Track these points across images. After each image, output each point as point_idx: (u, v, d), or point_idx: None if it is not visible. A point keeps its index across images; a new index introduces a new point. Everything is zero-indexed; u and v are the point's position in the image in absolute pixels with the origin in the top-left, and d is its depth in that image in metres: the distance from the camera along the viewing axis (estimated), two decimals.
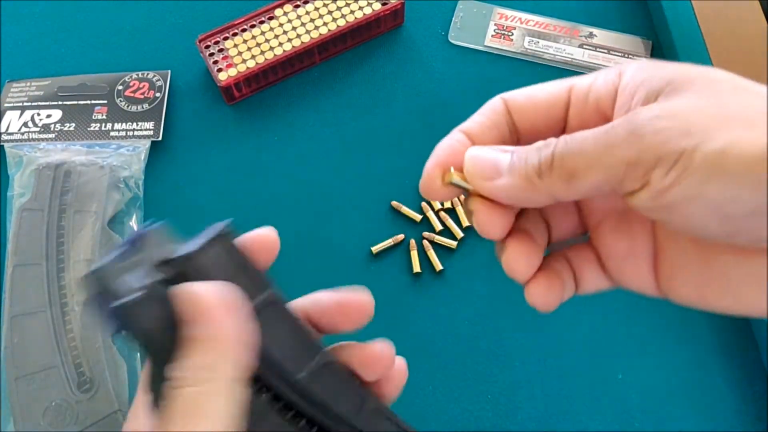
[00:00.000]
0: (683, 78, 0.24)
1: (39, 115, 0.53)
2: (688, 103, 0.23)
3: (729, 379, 0.45)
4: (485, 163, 0.27)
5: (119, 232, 0.49)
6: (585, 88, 0.27)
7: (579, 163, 0.24)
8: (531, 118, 0.29)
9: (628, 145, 0.23)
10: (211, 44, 0.55)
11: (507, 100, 0.29)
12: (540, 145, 0.26)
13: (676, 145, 0.22)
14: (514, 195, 0.26)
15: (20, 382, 0.43)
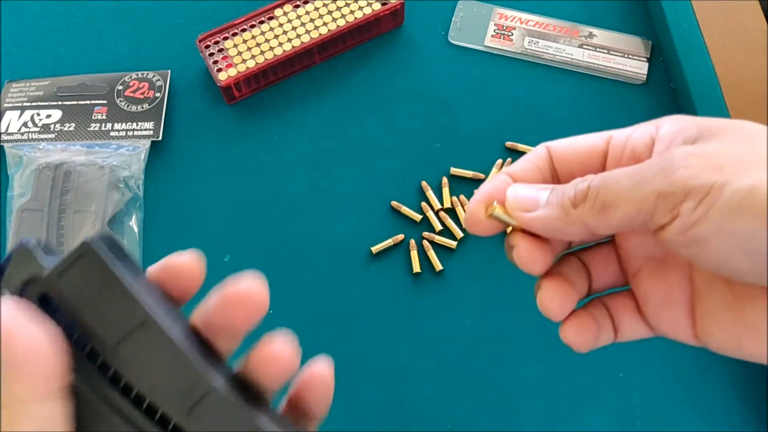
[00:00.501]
0: (719, 126, 0.25)
1: (39, 115, 0.53)
2: (721, 146, 0.24)
3: (729, 379, 0.45)
4: (525, 197, 0.28)
5: (119, 231, 0.49)
6: (623, 139, 0.29)
7: (612, 194, 0.25)
8: (570, 164, 0.30)
9: (660, 178, 0.24)
10: (211, 44, 0.55)
11: (550, 147, 0.31)
12: (577, 181, 0.27)
13: (705, 179, 0.23)
14: (550, 225, 0.27)
15: None
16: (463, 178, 0.51)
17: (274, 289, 0.50)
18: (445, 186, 0.51)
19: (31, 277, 0.22)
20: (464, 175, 0.51)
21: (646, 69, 0.56)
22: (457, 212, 0.50)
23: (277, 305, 0.47)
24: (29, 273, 0.22)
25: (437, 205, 0.50)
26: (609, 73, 0.56)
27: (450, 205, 0.50)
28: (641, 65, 0.56)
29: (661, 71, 0.56)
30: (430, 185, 0.51)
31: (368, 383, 0.45)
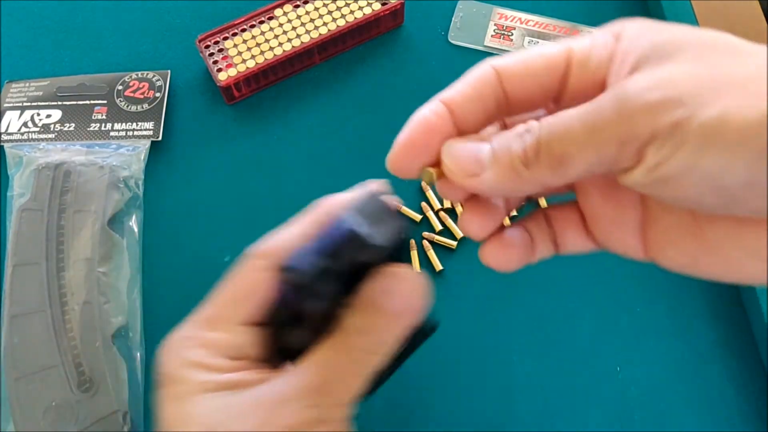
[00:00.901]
0: (676, 43, 0.23)
1: (39, 116, 0.53)
2: (679, 70, 0.22)
3: (729, 377, 0.45)
4: (465, 158, 0.25)
5: (119, 231, 0.49)
6: (585, 53, 0.26)
7: (567, 147, 0.23)
8: (525, 86, 0.26)
9: (618, 122, 0.22)
10: (210, 44, 0.55)
11: (498, 67, 0.26)
12: (521, 131, 0.24)
13: (669, 116, 0.21)
14: (500, 188, 0.25)
15: (20, 383, 0.43)
16: None
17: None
18: None
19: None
20: None
21: None
22: (457, 212, 0.50)
23: None
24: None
25: (437, 205, 0.50)
26: None
27: (450, 205, 0.50)
28: None
29: None
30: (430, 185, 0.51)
31: None
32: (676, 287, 0.47)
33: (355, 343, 0.27)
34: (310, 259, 0.27)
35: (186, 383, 0.28)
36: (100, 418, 0.42)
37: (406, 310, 0.28)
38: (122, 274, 0.47)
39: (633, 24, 0.25)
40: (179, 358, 0.28)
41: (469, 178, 0.25)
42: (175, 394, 0.28)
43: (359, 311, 0.27)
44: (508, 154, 0.24)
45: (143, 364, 0.45)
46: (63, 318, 0.45)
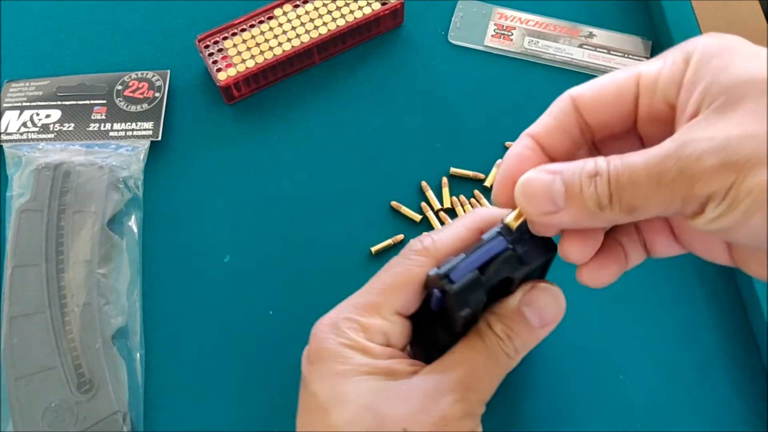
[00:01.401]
0: (740, 89, 0.24)
1: (38, 115, 0.53)
2: (737, 131, 0.24)
3: (730, 379, 0.44)
4: (540, 199, 0.27)
5: (118, 232, 0.49)
6: (653, 79, 0.28)
7: (637, 199, 0.25)
8: (601, 114, 0.29)
9: (680, 183, 0.24)
10: (210, 44, 0.55)
11: (575, 97, 0.29)
12: (591, 170, 0.26)
13: (725, 182, 0.23)
14: (577, 225, 0.28)
15: (19, 383, 0.43)
16: (463, 177, 0.51)
17: (274, 290, 0.51)
18: (445, 186, 0.51)
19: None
20: (464, 174, 0.51)
21: None
22: (457, 212, 0.50)
23: (276, 305, 0.48)
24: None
25: (437, 205, 0.50)
26: None
27: (450, 206, 0.50)
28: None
29: None
30: (430, 185, 0.51)
31: None
32: (679, 295, 0.47)
33: (499, 347, 0.30)
34: (465, 270, 0.30)
35: (345, 362, 0.30)
36: (100, 419, 0.42)
37: (548, 323, 0.31)
38: (122, 275, 0.47)
39: (704, 45, 0.27)
40: (340, 337, 0.31)
41: (546, 217, 0.27)
42: (333, 371, 0.30)
43: (505, 319, 0.31)
44: (581, 197, 0.26)
45: (143, 365, 0.45)
46: (62, 319, 0.45)
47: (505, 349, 0.31)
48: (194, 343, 0.46)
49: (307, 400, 0.31)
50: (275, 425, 0.44)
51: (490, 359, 0.30)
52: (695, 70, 0.26)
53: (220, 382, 0.45)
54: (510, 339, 0.31)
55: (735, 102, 0.24)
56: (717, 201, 0.24)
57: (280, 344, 0.46)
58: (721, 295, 0.47)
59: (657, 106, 0.28)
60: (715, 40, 0.26)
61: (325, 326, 0.32)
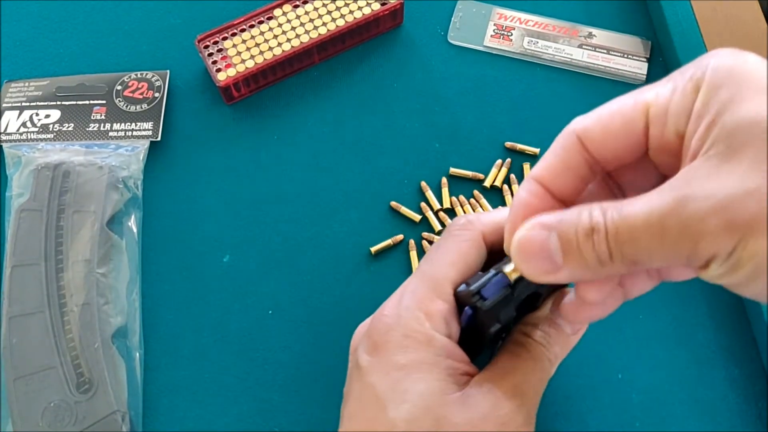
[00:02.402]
0: (740, 137, 0.23)
1: (38, 115, 0.53)
2: (737, 186, 0.23)
3: (729, 378, 0.44)
4: (537, 259, 0.27)
5: (118, 232, 0.49)
6: (662, 109, 0.26)
7: (639, 255, 0.25)
8: (609, 148, 0.28)
9: (683, 242, 0.23)
10: (210, 44, 0.55)
11: (580, 134, 0.28)
12: (586, 228, 0.25)
13: (727, 243, 0.23)
14: (577, 279, 0.27)
15: (19, 383, 0.43)
16: (462, 178, 0.51)
17: (273, 290, 0.50)
18: (445, 186, 0.51)
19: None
20: (464, 175, 0.51)
21: (645, 69, 0.55)
22: (457, 213, 0.50)
23: (275, 306, 0.48)
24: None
25: (436, 205, 0.50)
26: (608, 73, 0.56)
27: (449, 206, 0.50)
28: (641, 65, 0.56)
29: (661, 71, 0.56)
30: (430, 185, 0.51)
31: None
32: (678, 294, 0.47)
33: (542, 353, 0.31)
34: (497, 286, 0.30)
35: (407, 356, 0.30)
36: (99, 419, 0.42)
37: (579, 329, 0.32)
38: (121, 274, 0.47)
39: (713, 69, 0.25)
40: (403, 328, 0.30)
41: (547, 276, 0.27)
42: (394, 364, 0.30)
43: (544, 326, 0.31)
44: (580, 254, 0.26)
45: (142, 364, 0.45)
46: (62, 319, 0.45)
47: (548, 355, 0.31)
48: (193, 343, 0.46)
49: (362, 391, 0.31)
50: (275, 425, 0.44)
51: (537, 366, 0.31)
52: (703, 101, 0.25)
53: (219, 381, 0.45)
54: (551, 345, 0.31)
55: (737, 149, 0.23)
56: (721, 261, 0.23)
57: (280, 344, 0.46)
58: (720, 293, 0.47)
59: (668, 138, 0.26)
60: (727, 60, 0.25)
61: (387, 317, 0.31)
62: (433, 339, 0.30)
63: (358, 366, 0.31)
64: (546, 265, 0.26)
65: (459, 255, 0.32)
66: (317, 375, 0.45)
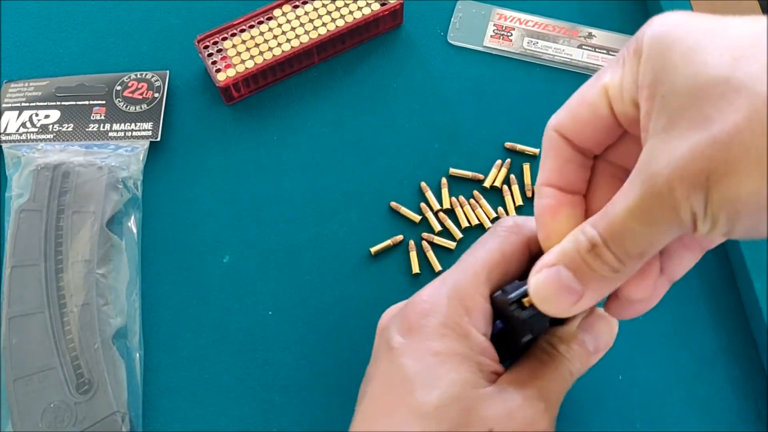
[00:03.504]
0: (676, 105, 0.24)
1: (37, 116, 0.53)
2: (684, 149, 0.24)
3: (729, 378, 0.44)
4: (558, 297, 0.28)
5: (118, 232, 0.48)
6: (617, 88, 0.28)
7: (640, 245, 0.26)
8: (589, 135, 0.29)
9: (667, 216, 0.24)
10: (209, 45, 0.55)
11: (558, 129, 0.30)
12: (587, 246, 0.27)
13: (697, 203, 0.23)
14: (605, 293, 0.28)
15: (18, 384, 0.43)
16: (462, 178, 0.51)
17: (273, 290, 0.50)
18: (444, 186, 0.51)
19: None
20: (463, 175, 0.51)
21: None
22: (456, 213, 0.50)
23: (275, 306, 0.47)
24: None
25: (436, 205, 0.50)
26: None
27: (449, 206, 0.50)
28: None
29: None
30: (429, 186, 0.51)
31: None
32: (677, 293, 0.47)
33: (565, 366, 0.32)
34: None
35: (444, 344, 0.30)
36: (99, 420, 0.42)
37: (600, 350, 0.33)
38: (121, 275, 0.47)
39: (649, 38, 0.26)
40: (443, 316, 0.31)
41: (575, 306, 0.28)
42: (429, 349, 0.30)
43: (566, 339, 0.32)
44: (594, 273, 0.27)
45: (142, 365, 0.45)
46: (61, 319, 0.45)
47: (570, 368, 0.32)
48: (193, 344, 0.46)
49: (391, 371, 0.31)
50: (275, 425, 0.44)
51: (560, 376, 0.32)
52: (643, 72, 0.26)
53: (219, 382, 0.45)
54: (573, 360, 0.32)
55: (677, 117, 0.24)
56: (702, 218, 0.24)
57: (280, 344, 0.46)
58: (720, 293, 0.47)
59: (631, 112, 0.27)
60: (660, 28, 0.26)
61: (426, 303, 0.32)
62: (470, 333, 0.31)
63: (389, 346, 0.31)
64: (569, 298, 0.28)
65: (503, 257, 0.32)
66: (317, 375, 0.45)
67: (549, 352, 0.32)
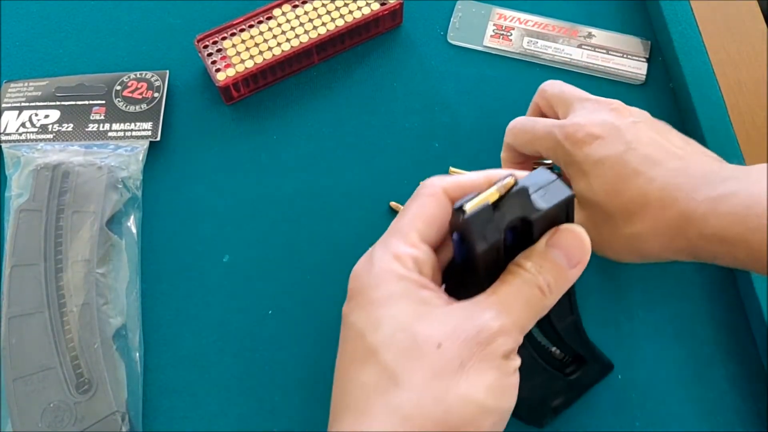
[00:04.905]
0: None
1: (37, 116, 0.53)
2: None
3: (729, 378, 0.44)
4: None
5: (117, 232, 0.48)
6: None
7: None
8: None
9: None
10: (209, 44, 0.55)
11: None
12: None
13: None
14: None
15: (18, 383, 0.43)
16: None
17: (273, 290, 0.50)
18: None
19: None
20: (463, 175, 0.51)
21: (645, 69, 0.56)
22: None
23: (275, 306, 0.47)
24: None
25: None
26: (608, 74, 0.56)
27: None
28: (640, 65, 0.56)
29: (660, 71, 0.56)
30: None
31: None
32: (676, 291, 0.47)
33: (531, 279, 0.31)
34: (480, 207, 0.30)
35: (379, 290, 0.31)
36: (99, 419, 0.42)
37: (576, 263, 0.32)
38: (121, 275, 0.47)
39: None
40: (374, 266, 0.32)
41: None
42: (368, 299, 0.31)
43: (533, 256, 0.32)
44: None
45: (142, 365, 0.45)
46: (61, 319, 0.45)
47: (538, 281, 0.31)
48: (193, 343, 0.46)
49: (346, 333, 0.32)
50: (274, 425, 0.44)
51: (524, 287, 0.31)
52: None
53: (218, 382, 0.45)
54: (539, 273, 0.32)
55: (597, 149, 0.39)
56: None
57: (279, 344, 0.46)
58: (720, 293, 0.47)
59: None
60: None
61: (359, 267, 0.33)
62: (403, 276, 0.31)
63: (343, 315, 0.33)
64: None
65: (421, 208, 0.33)
66: (317, 375, 0.45)
67: (512, 270, 0.32)
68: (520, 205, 0.31)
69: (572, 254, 0.32)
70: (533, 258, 0.32)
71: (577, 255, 0.32)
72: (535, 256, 0.32)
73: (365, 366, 0.30)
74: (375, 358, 0.29)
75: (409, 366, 0.29)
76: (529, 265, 0.32)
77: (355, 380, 0.30)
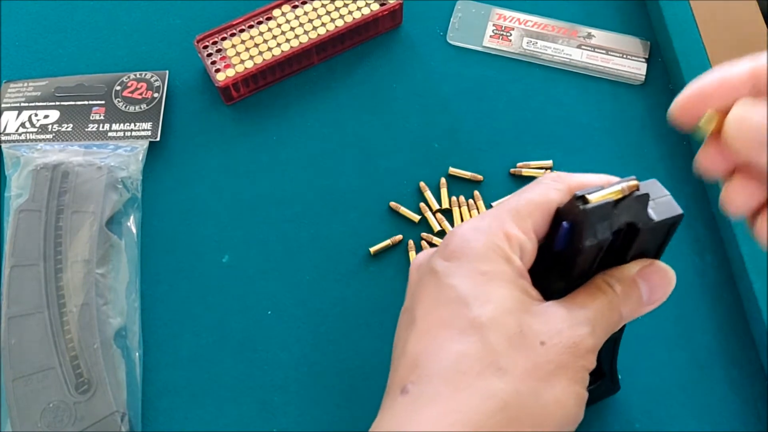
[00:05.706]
0: None
1: (36, 116, 0.53)
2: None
3: (728, 379, 0.44)
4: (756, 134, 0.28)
5: (117, 232, 0.48)
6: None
7: None
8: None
9: None
10: (209, 45, 0.55)
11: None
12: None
13: None
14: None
15: (17, 384, 0.43)
16: (461, 178, 0.51)
17: (272, 290, 0.50)
18: (444, 186, 0.51)
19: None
20: (463, 175, 0.51)
21: (644, 69, 0.56)
22: (455, 214, 0.50)
23: (275, 306, 0.47)
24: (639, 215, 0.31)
25: (435, 205, 0.50)
26: (607, 74, 0.56)
27: (448, 206, 0.50)
28: (640, 66, 0.56)
29: (660, 72, 0.56)
30: (429, 186, 0.51)
31: (367, 384, 0.45)
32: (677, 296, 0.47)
33: (617, 304, 0.32)
34: (603, 202, 0.30)
35: (490, 265, 0.30)
36: (98, 420, 0.42)
37: (653, 302, 0.33)
38: (120, 275, 0.47)
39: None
40: (487, 239, 0.31)
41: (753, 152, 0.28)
42: (477, 269, 0.30)
43: (624, 280, 0.32)
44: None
45: (141, 365, 0.45)
46: (61, 319, 0.45)
47: (620, 309, 0.32)
48: (193, 344, 0.46)
49: (440, 292, 0.31)
50: (274, 425, 0.44)
51: (610, 311, 0.31)
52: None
53: (218, 382, 0.45)
54: (624, 301, 0.32)
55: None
56: None
57: (279, 344, 0.46)
58: (720, 294, 0.47)
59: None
60: None
61: (467, 231, 0.32)
62: (512, 258, 0.31)
63: (433, 271, 0.31)
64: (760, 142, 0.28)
65: (545, 199, 0.32)
66: (317, 375, 0.45)
67: (603, 288, 0.32)
68: (636, 210, 0.31)
69: (655, 293, 0.32)
70: (623, 282, 0.32)
71: (658, 295, 0.33)
72: (625, 282, 0.32)
73: (465, 337, 0.29)
74: (480, 334, 0.29)
75: (513, 354, 0.29)
76: (618, 289, 0.32)
77: (448, 348, 0.29)
